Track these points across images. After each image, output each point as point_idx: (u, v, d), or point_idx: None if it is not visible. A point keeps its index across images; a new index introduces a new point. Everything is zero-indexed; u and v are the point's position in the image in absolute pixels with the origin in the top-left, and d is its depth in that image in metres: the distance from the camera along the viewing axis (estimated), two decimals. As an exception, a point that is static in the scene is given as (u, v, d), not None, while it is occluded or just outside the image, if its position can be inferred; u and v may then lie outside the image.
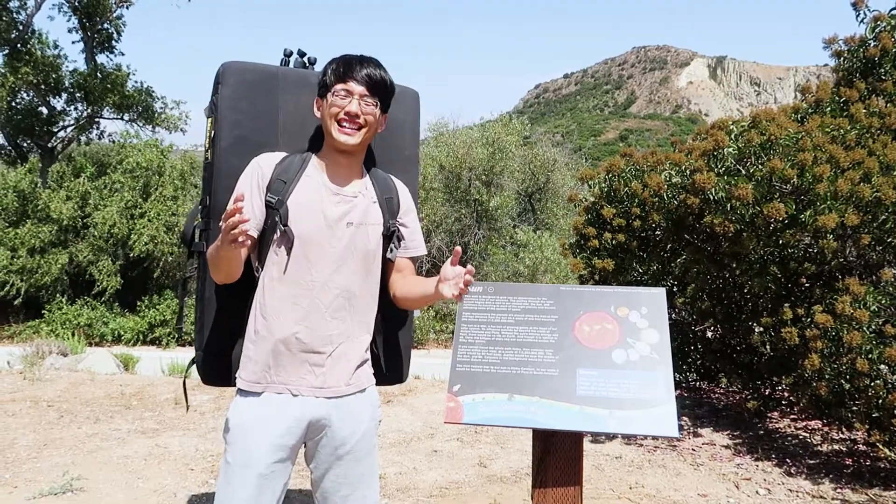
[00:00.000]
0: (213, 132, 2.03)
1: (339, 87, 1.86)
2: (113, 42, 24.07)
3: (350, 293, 1.90)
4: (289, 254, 1.85)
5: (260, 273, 1.90)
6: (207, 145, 2.08)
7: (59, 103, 23.16)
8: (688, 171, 4.75)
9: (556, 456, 2.09)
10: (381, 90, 1.91)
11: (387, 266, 2.03)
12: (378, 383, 2.09)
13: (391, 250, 1.99)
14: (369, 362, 2.00)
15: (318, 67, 2.16)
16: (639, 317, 2.16)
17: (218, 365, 2.03)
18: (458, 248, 1.81)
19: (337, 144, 1.89)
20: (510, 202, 23.22)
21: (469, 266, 1.77)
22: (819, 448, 4.66)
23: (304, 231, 1.85)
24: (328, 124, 1.88)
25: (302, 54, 2.20)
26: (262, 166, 1.89)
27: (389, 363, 2.15)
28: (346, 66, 1.87)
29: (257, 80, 2.05)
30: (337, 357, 1.89)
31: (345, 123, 1.87)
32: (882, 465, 4.17)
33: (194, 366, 2.10)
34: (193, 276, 2.11)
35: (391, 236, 1.99)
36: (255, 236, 1.88)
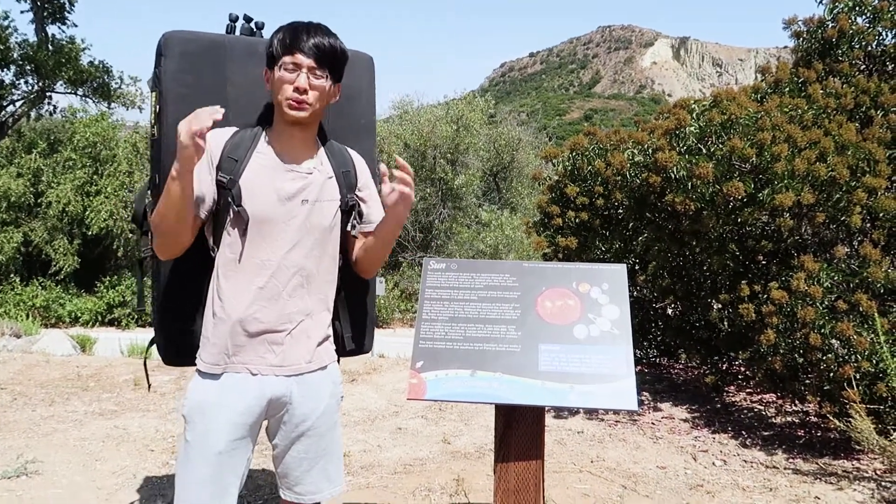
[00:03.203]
0: (158, 107, 1.94)
1: (286, 59, 1.78)
2: (65, 13, 23.16)
3: (307, 271, 1.87)
4: (243, 234, 1.80)
5: (216, 254, 1.86)
6: (153, 121, 1.98)
7: (7, 76, 22.27)
8: (650, 150, 4.79)
9: (519, 430, 2.11)
10: (331, 59, 1.83)
11: (347, 240, 1.99)
12: (342, 356, 2.08)
13: (353, 226, 1.95)
14: (331, 339, 1.99)
15: (267, 33, 2.08)
16: (600, 293, 2.18)
17: (178, 345, 1.99)
18: (383, 167, 1.86)
19: (287, 118, 1.83)
20: (475, 181, 23.25)
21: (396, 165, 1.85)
22: (773, 420, 4.80)
23: (258, 210, 1.80)
24: (277, 99, 1.82)
25: (248, 19, 2.10)
26: (211, 145, 1.81)
27: (353, 336, 2.13)
28: (292, 37, 1.79)
29: (202, 51, 1.96)
30: (297, 335, 1.87)
31: (292, 101, 1.80)
32: (832, 436, 4.32)
33: (154, 346, 2.06)
34: (149, 255, 2.03)
35: (350, 211, 1.95)
36: (203, 217, 1.83)
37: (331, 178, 1.92)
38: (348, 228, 1.95)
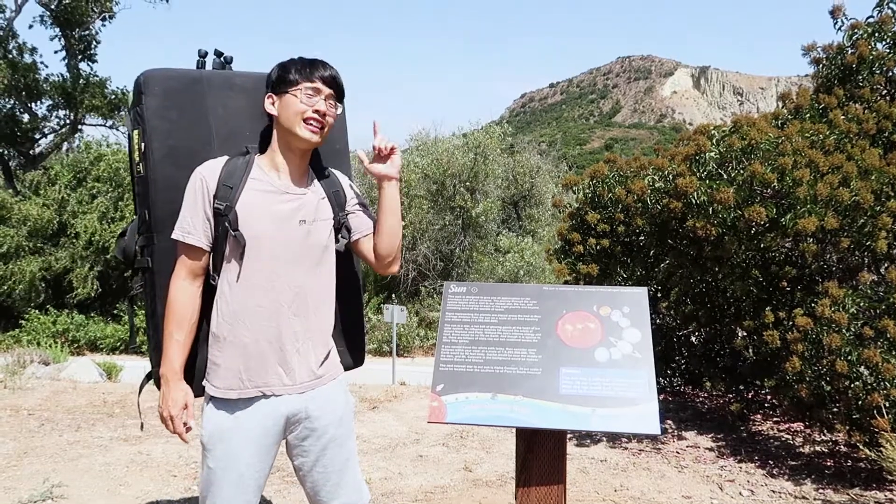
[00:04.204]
0: (142, 144, 1.95)
1: (306, 85, 1.88)
2: (91, 51, 24.09)
3: (308, 289, 1.93)
4: (243, 257, 1.85)
5: (217, 281, 1.90)
6: (138, 158, 1.98)
7: (40, 110, 23.02)
8: (671, 176, 4.79)
9: (540, 454, 2.10)
10: (342, 94, 1.97)
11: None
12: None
13: (339, 241, 2.03)
14: (335, 350, 2.05)
15: (235, 66, 2.15)
16: (621, 316, 2.18)
17: None
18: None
19: (299, 143, 1.90)
20: (494, 208, 23.28)
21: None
22: (801, 449, 4.70)
23: (256, 233, 1.86)
24: (291, 121, 1.87)
25: (219, 54, 2.17)
26: (206, 176, 1.87)
27: (350, 350, 2.19)
28: (311, 66, 1.90)
29: (183, 87, 2.00)
30: (305, 353, 1.92)
31: (312, 122, 1.87)
32: (862, 466, 4.21)
33: (150, 380, 2.09)
34: (140, 291, 2.05)
35: (340, 228, 2.03)
36: (207, 249, 1.88)
37: (324, 198, 2.00)
38: (336, 246, 2.03)
